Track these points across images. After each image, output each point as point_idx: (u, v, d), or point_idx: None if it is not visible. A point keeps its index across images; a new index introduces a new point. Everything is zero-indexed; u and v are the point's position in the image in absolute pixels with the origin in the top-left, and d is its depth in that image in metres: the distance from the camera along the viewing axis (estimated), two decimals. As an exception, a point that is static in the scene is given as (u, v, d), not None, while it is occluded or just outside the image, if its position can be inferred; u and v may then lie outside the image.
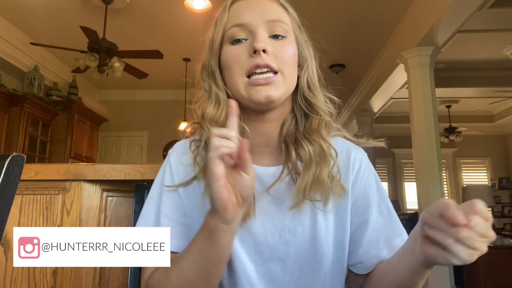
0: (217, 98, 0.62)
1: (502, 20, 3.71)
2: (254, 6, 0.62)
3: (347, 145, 0.68)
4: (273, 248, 0.61)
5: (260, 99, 0.59)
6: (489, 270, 3.52)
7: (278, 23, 0.62)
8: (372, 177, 0.66)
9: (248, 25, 0.60)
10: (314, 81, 0.66)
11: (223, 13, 0.63)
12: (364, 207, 0.64)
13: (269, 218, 0.62)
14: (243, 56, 0.60)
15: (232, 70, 0.61)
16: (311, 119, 0.64)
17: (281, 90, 0.60)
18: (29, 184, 1.07)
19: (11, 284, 1.03)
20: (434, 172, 3.38)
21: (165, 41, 4.18)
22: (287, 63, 0.61)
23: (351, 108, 6.46)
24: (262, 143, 0.65)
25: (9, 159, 0.56)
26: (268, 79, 0.59)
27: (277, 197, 0.63)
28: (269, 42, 0.60)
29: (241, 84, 0.60)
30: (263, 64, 0.58)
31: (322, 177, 0.60)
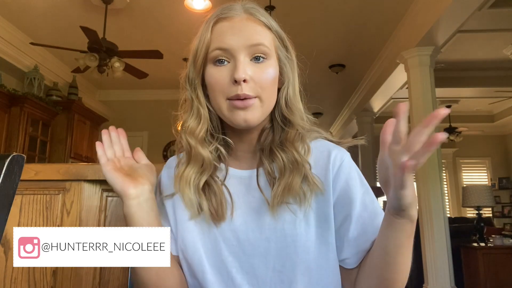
0: (198, 113, 0.67)
1: (502, 20, 3.71)
2: (237, 29, 0.64)
3: (328, 146, 0.71)
4: (254, 245, 0.65)
5: (239, 122, 0.63)
6: (489, 270, 3.52)
7: (260, 47, 0.64)
8: (355, 174, 0.68)
9: (230, 50, 0.63)
10: (293, 97, 0.69)
11: (206, 32, 0.65)
12: (347, 203, 0.66)
13: (250, 217, 0.66)
14: (225, 80, 0.63)
15: (215, 92, 0.65)
16: (286, 130, 0.68)
17: (258, 113, 0.64)
18: (29, 184, 1.07)
19: (11, 284, 1.03)
20: (434, 172, 3.38)
21: (165, 41, 4.18)
22: (266, 87, 0.64)
23: (351, 108, 6.47)
24: (245, 149, 0.71)
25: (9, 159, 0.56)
26: (245, 102, 0.62)
27: (257, 197, 0.67)
28: (250, 66, 0.64)
29: (223, 106, 0.64)
30: (242, 95, 0.62)
31: (294, 185, 0.64)
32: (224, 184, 0.68)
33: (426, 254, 3.32)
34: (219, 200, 0.66)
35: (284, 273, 0.64)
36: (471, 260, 3.69)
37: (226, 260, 0.65)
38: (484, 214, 4.52)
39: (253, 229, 0.65)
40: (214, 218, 0.66)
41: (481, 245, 3.68)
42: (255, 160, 0.70)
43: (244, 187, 0.69)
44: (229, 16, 0.66)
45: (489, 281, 3.49)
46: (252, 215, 0.66)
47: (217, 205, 0.66)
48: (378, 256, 0.61)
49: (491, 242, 3.74)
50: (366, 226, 0.65)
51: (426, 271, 3.31)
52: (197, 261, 0.66)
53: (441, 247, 3.27)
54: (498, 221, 7.15)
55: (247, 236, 0.65)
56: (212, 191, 0.67)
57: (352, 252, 0.65)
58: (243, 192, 0.68)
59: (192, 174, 0.66)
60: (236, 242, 0.65)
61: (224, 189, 0.68)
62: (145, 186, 0.65)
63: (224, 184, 0.68)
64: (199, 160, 0.66)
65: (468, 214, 7.04)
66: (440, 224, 3.30)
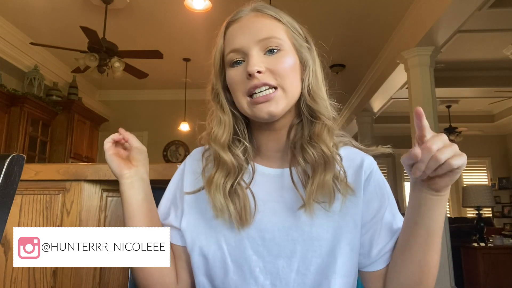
0: (221, 121, 0.69)
1: (502, 20, 3.71)
2: (245, 28, 0.66)
3: (359, 153, 0.72)
4: (280, 246, 0.64)
5: (263, 116, 0.63)
6: (489, 270, 3.52)
7: (271, 39, 0.64)
8: (382, 181, 0.70)
9: (242, 49, 0.64)
10: (316, 86, 0.68)
11: (220, 39, 0.68)
12: (376, 209, 0.67)
13: (278, 217, 0.65)
14: (241, 77, 0.64)
15: (236, 92, 0.66)
16: (314, 124, 0.67)
17: (282, 104, 0.64)
18: (29, 184, 1.07)
19: (11, 284, 1.03)
20: (434, 172, 3.37)
21: (165, 41, 4.18)
22: (286, 75, 0.64)
23: (351, 108, 6.47)
24: (274, 149, 0.70)
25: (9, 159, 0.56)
26: (267, 96, 0.62)
27: (286, 197, 0.67)
28: (264, 59, 0.64)
29: (244, 104, 0.65)
30: (260, 84, 0.62)
31: (327, 180, 0.63)
32: (249, 187, 0.68)
33: (426, 254, 3.32)
34: (242, 204, 0.65)
35: (308, 276, 0.63)
36: (471, 260, 3.69)
37: (250, 259, 0.64)
38: (484, 214, 4.52)
39: (279, 229, 0.64)
40: (237, 222, 0.65)
41: (481, 245, 3.68)
42: (285, 159, 0.70)
43: (274, 186, 0.68)
44: (238, 18, 0.67)
45: (489, 281, 3.49)
46: (280, 215, 0.65)
47: (241, 208, 0.65)
48: (420, 240, 0.60)
49: (491, 242, 3.74)
50: (392, 231, 0.66)
51: (426, 271, 3.31)
52: (220, 258, 0.65)
53: (441, 247, 3.27)
54: (498, 221, 7.15)
55: (273, 235, 0.64)
56: (236, 195, 0.67)
57: (381, 253, 0.66)
58: (272, 190, 0.68)
59: (221, 179, 0.66)
60: (261, 241, 0.64)
61: (249, 193, 0.67)
62: (138, 168, 0.71)
63: (250, 188, 0.68)
64: (224, 165, 0.67)
65: (468, 214, 7.05)
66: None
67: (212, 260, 0.66)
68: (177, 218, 0.71)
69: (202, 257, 0.67)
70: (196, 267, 0.68)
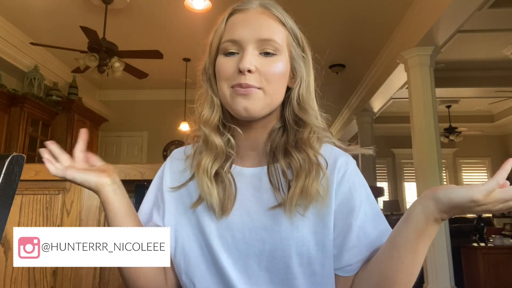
0: (212, 102, 0.68)
1: (502, 20, 3.71)
2: (249, 22, 0.65)
3: (335, 152, 0.70)
4: (249, 244, 0.64)
5: (240, 110, 0.63)
6: (489, 270, 3.52)
7: (270, 42, 0.64)
8: (358, 182, 0.68)
9: (240, 42, 0.64)
10: (307, 96, 0.68)
11: (221, 24, 0.67)
12: (348, 211, 0.65)
13: (248, 216, 0.66)
14: (231, 69, 0.64)
15: (220, 81, 0.66)
16: (301, 130, 0.67)
17: (260, 104, 0.64)
18: (29, 184, 1.07)
19: (11, 284, 1.03)
20: (434, 172, 3.38)
21: (165, 41, 4.18)
22: (272, 80, 0.64)
23: (351, 108, 6.46)
24: (249, 147, 0.70)
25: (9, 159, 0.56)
26: (247, 90, 0.62)
27: (258, 196, 0.67)
28: (258, 59, 0.64)
29: (227, 93, 0.65)
30: (245, 85, 0.62)
31: (312, 189, 0.63)
32: (233, 177, 0.68)
33: (426, 254, 3.31)
34: (228, 192, 0.66)
35: (277, 275, 0.63)
36: (471, 260, 3.69)
37: (221, 256, 0.65)
38: (484, 214, 4.52)
39: (249, 228, 0.65)
40: (219, 209, 0.65)
41: (481, 245, 3.68)
42: (260, 158, 0.69)
43: (249, 186, 0.68)
44: (244, 8, 0.67)
45: (489, 281, 3.49)
46: (253, 215, 0.65)
47: (224, 196, 0.66)
48: (384, 250, 0.60)
49: (491, 242, 3.74)
50: (366, 236, 0.64)
51: (426, 271, 3.31)
52: (193, 254, 0.66)
53: (441, 247, 3.27)
54: (498, 221, 7.14)
55: (243, 235, 0.65)
56: (222, 181, 0.67)
57: (352, 260, 0.64)
58: (247, 191, 0.68)
59: (208, 162, 0.66)
60: (231, 239, 0.65)
61: (233, 183, 0.67)
62: (115, 174, 0.68)
63: (233, 177, 0.68)
64: (213, 148, 0.66)
65: (468, 214, 7.03)
66: (440, 224, 3.30)
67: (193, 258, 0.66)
68: (160, 217, 0.71)
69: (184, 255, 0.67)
70: (178, 265, 0.68)
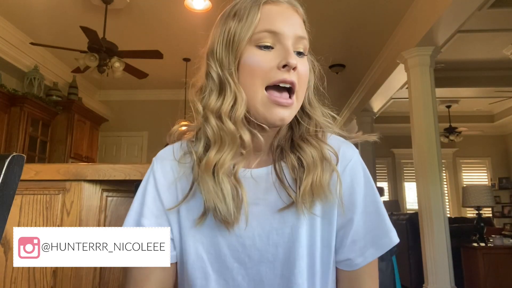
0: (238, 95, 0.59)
1: (502, 20, 3.71)
2: (287, 16, 0.61)
3: (338, 141, 0.67)
4: (262, 251, 0.61)
5: (275, 120, 0.59)
6: (489, 270, 3.51)
7: (304, 40, 0.62)
8: (361, 175, 0.65)
9: (281, 35, 0.59)
10: (312, 94, 0.68)
11: (255, 11, 0.60)
12: (349, 205, 0.63)
13: (256, 221, 0.62)
14: (270, 64, 0.58)
15: (254, 78, 0.59)
16: (305, 126, 0.66)
17: (293, 113, 0.62)
18: (29, 184, 1.07)
19: (11, 284, 1.03)
20: (434, 172, 3.38)
21: (165, 41, 4.18)
22: (304, 83, 0.62)
23: (351, 108, 6.46)
24: (255, 148, 0.64)
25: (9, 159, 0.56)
26: (288, 101, 0.59)
27: (264, 199, 0.63)
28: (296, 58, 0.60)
29: (259, 96, 0.59)
30: (290, 81, 0.58)
31: (323, 182, 0.60)
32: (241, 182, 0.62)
33: (426, 254, 3.32)
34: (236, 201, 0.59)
35: (292, 280, 0.60)
36: (471, 260, 3.69)
37: (231, 267, 0.62)
38: (484, 214, 4.52)
39: (259, 234, 0.61)
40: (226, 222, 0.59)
41: (481, 245, 3.68)
42: (264, 159, 0.66)
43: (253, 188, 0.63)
44: (277, 1, 0.62)
45: (489, 281, 3.49)
46: (260, 218, 0.62)
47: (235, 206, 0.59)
48: None
49: (491, 242, 3.74)
50: (366, 231, 0.63)
51: (426, 271, 3.31)
52: (200, 268, 0.62)
53: (441, 247, 3.27)
54: (498, 221, 7.15)
55: (253, 241, 0.61)
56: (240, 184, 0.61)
57: (352, 255, 0.62)
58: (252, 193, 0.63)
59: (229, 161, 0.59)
60: (241, 248, 0.61)
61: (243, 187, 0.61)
62: None
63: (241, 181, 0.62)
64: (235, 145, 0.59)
65: (468, 214, 7.04)
66: (440, 224, 3.30)
67: (191, 270, 0.62)
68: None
69: (184, 268, 0.63)
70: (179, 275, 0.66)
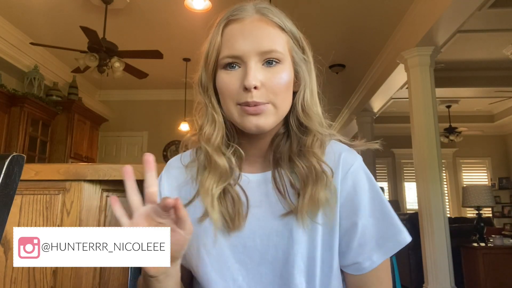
0: (213, 120, 0.65)
1: (502, 20, 3.71)
2: (247, 33, 0.61)
3: (340, 148, 0.67)
4: (262, 252, 0.63)
5: (251, 127, 0.61)
6: (489, 270, 3.52)
7: (272, 53, 0.61)
8: (364, 180, 0.65)
9: (241, 57, 0.61)
10: (310, 101, 0.65)
11: (217, 35, 0.63)
12: (353, 209, 0.63)
13: (258, 222, 0.64)
14: (235, 85, 0.61)
15: (225, 98, 0.63)
16: (305, 137, 0.65)
17: (272, 119, 0.62)
18: (29, 184, 1.07)
19: (11, 284, 1.03)
20: (434, 172, 3.38)
21: (165, 41, 4.18)
22: (279, 92, 0.62)
23: (351, 108, 6.46)
24: (256, 154, 0.68)
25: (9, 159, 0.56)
26: (257, 108, 0.60)
27: (266, 201, 0.65)
28: (262, 71, 0.61)
29: (234, 111, 0.62)
30: (252, 103, 0.60)
31: (319, 198, 0.61)
32: (244, 191, 0.65)
33: (426, 254, 3.32)
34: (236, 210, 0.63)
35: (291, 281, 0.61)
36: (471, 260, 3.69)
37: (232, 267, 0.63)
38: (484, 214, 4.52)
39: (260, 235, 0.63)
40: (228, 226, 0.63)
41: (481, 245, 3.68)
42: (266, 164, 0.68)
43: (257, 191, 0.66)
44: (240, 17, 0.63)
45: (489, 281, 3.49)
46: (262, 220, 0.64)
47: (234, 214, 0.63)
48: None
49: (491, 242, 3.74)
50: (372, 235, 0.62)
51: (426, 271, 3.31)
52: (202, 268, 0.64)
53: (441, 247, 3.27)
54: (498, 221, 7.15)
55: (254, 243, 0.63)
56: (229, 199, 0.64)
57: (359, 259, 0.63)
58: (254, 196, 0.66)
59: (213, 183, 0.63)
60: (242, 249, 0.63)
61: (243, 196, 0.65)
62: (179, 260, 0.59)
63: (244, 190, 0.65)
64: (216, 169, 0.64)
65: (468, 214, 7.05)
66: (440, 224, 3.30)
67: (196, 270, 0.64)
68: None
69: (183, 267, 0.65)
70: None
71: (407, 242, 0.63)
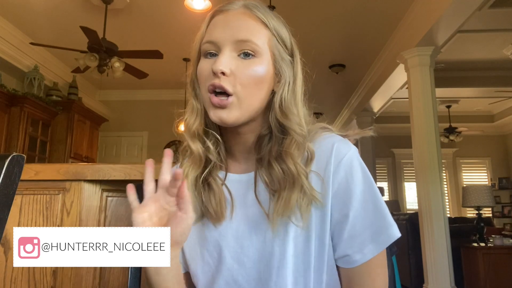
0: (193, 107, 0.67)
1: (502, 20, 3.71)
2: (228, 22, 0.63)
3: (333, 139, 0.65)
4: (260, 250, 0.63)
5: (215, 120, 0.62)
6: (489, 270, 3.51)
7: (248, 43, 0.61)
8: (357, 170, 0.63)
9: (217, 43, 0.62)
10: (290, 102, 0.64)
11: (203, 25, 0.66)
12: (345, 201, 0.62)
13: (246, 221, 0.65)
14: (208, 71, 0.62)
15: (200, 84, 0.65)
16: (284, 139, 0.64)
17: (235, 113, 0.61)
18: (29, 184, 1.07)
19: (11, 284, 1.03)
20: (434, 172, 3.38)
21: (165, 41, 4.18)
22: (247, 84, 0.61)
23: (351, 108, 6.47)
24: (240, 149, 0.69)
25: (9, 159, 0.56)
26: (221, 101, 0.60)
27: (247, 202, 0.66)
28: (235, 61, 0.61)
29: (205, 97, 0.63)
30: (218, 85, 0.60)
31: (291, 202, 0.60)
32: (224, 183, 0.67)
33: (426, 254, 3.32)
34: (218, 199, 0.65)
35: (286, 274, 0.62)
36: (471, 260, 3.69)
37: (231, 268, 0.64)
38: (484, 214, 4.52)
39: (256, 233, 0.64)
40: (212, 218, 0.65)
41: (481, 245, 3.68)
42: (250, 164, 0.68)
43: (245, 190, 0.67)
44: (226, 9, 0.64)
45: (489, 281, 3.49)
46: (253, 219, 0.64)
47: (216, 204, 0.64)
48: None
49: (491, 242, 3.74)
50: (364, 227, 0.61)
51: (426, 271, 3.31)
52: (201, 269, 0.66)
53: (441, 247, 3.27)
54: (498, 221, 7.15)
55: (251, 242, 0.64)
56: (211, 191, 0.66)
57: (349, 251, 0.62)
58: (243, 195, 0.66)
59: (191, 171, 0.65)
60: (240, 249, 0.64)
61: (225, 188, 0.66)
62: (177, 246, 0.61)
63: (225, 183, 0.67)
64: (191, 155, 0.66)
65: (468, 214, 7.05)
66: (440, 224, 3.30)
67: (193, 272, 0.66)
68: None
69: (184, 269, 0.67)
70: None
71: (397, 237, 0.62)
